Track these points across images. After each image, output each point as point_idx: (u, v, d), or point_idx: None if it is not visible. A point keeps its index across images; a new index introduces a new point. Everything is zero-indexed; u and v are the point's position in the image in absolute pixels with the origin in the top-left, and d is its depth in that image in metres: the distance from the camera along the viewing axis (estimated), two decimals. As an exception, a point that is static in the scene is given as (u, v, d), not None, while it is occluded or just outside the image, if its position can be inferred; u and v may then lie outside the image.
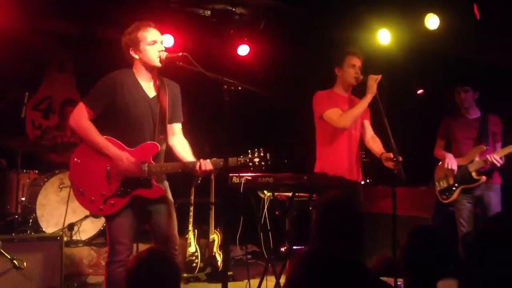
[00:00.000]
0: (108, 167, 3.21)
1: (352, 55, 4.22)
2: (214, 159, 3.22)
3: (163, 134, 3.33)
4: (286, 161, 3.43)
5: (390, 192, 3.39)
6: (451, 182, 4.76)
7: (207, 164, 3.18)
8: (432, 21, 5.73)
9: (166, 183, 3.44)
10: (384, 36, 6.09)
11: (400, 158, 3.80)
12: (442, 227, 5.28)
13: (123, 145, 3.25)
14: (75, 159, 3.29)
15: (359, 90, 4.27)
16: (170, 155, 3.47)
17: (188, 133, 3.59)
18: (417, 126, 6.77)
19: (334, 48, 6.04)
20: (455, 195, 4.74)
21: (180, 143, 3.45)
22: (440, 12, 5.71)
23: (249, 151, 3.25)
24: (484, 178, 4.62)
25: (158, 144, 3.26)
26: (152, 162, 3.24)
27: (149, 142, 3.27)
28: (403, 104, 6.41)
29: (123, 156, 3.18)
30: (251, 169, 3.25)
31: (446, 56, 6.44)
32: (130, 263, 2.36)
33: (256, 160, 3.21)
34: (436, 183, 4.89)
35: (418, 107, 7.03)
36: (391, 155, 3.87)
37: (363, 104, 4.06)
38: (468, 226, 4.69)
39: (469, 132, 4.80)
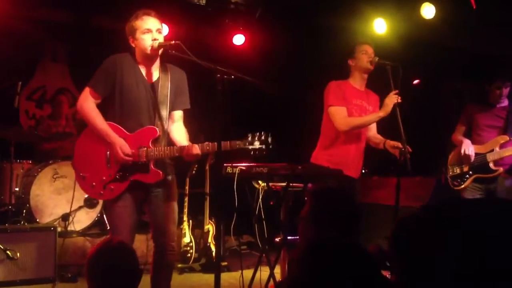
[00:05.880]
0: (108, 152, 3.22)
1: (363, 43, 4.23)
2: (206, 143, 3.12)
3: (163, 120, 3.28)
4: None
5: (385, 182, 3.40)
6: (465, 169, 4.57)
7: (193, 148, 3.13)
8: (428, 11, 5.70)
9: (173, 177, 3.39)
10: (380, 26, 6.05)
11: (410, 149, 3.83)
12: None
13: (123, 130, 3.24)
14: (79, 145, 3.33)
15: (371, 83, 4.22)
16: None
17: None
18: (412, 116, 6.75)
19: (330, 38, 6.05)
20: (467, 183, 4.55)
21: (177, 129, 3.41)
22: (436, 2, 5.68)
23: (249, 134, 3.07)
24: (501, 169, 4.42)
25: (157, 129, 3.23)
26: (151, 146, 3.21)
27: (148, 126, 3.25)
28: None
29: (118, 145, 3.16)
30: (251, 153, 3.03)
31: (442, 46, 6.41)
32: (89, 252, 2.37)
33: (257, 143, 3.05)
34: (450, 168, 4.71)
35: (414, 97, 7.00)
36: (399, 144, 3.90)
37: (372, 118, 4.07)
38: None
39: (494, 120, 4.58)
